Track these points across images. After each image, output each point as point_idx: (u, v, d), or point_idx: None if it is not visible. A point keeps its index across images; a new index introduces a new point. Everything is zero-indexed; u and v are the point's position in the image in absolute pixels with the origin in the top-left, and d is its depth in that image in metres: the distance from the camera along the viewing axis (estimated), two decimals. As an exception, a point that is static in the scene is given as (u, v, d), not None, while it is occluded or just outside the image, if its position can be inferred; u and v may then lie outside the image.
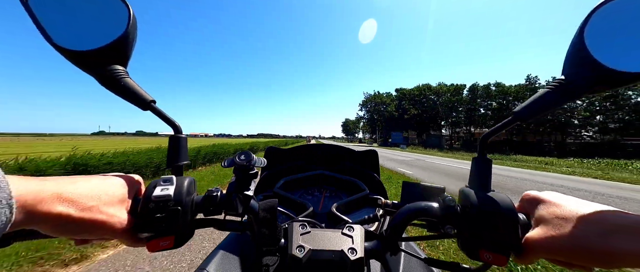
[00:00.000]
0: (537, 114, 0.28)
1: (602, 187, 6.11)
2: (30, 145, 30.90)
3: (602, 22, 0.24)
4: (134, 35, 0.32)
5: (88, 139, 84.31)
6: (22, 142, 44.32)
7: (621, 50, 0.24)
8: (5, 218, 0.17)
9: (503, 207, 0.27)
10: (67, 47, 0.28)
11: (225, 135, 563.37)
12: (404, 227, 0.32)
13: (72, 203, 0.22)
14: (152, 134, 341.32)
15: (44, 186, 0.21)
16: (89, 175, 0.27)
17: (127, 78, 0.31)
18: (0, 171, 0.18)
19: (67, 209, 0.21)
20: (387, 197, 0.64)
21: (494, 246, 0.27)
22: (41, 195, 0.20)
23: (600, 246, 0.20)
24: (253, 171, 0.33)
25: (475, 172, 0.32)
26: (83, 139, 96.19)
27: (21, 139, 72.01)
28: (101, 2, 0.31)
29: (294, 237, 0.31)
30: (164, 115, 0.33)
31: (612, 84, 0.24)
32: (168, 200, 0.28)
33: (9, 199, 0.17)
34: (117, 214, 0.26)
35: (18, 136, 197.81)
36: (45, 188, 0.21)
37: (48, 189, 0.21)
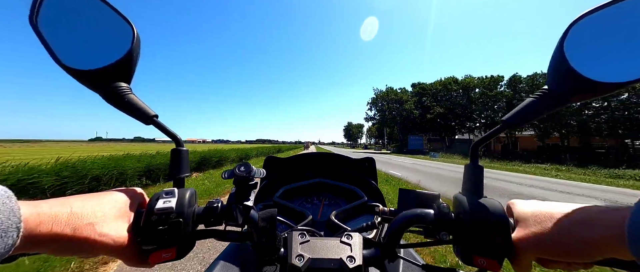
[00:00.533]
0: (524, 122, 0.35)
1: None
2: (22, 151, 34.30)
3: (581, 35, 0.30)
4: (137, 53, 0.38)
5: (80, 146, 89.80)
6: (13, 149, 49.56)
7: (599, 62, 0.29)
8: (12, 241, 0.21)
9: (494, 213, 0.33)
10: (74, 67, 0.34)
11: (223, 141, 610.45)
12: (400, 234, 0.37)
13: (67, 224, 0.25)
14: (149, 140, 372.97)
15: (41, 209, 0.24)
16: (89, 193, 0.32)
17: (130, 94, 0.37)
18: (13, 196, 0.22)
19: (62, 230, 0.25)
20: (385, 204, 0.73)
21: (486, 252, 0.32)
22: (39, 218, 0.24)
23: (581, 236, 0.26)
24: (252, 181, 0.38)
25: (468, 179, 0.38)
26: (75, 145, 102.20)
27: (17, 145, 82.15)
28: (106, 22, 0.37)
29: (294, 246, 0.37)
30: (166, 129, 0.40)
31: (592, 94, 0.30)
32: (170, 212, 0.33)
33: (18, 223, 0.21)
34: (114, 232, 0.29)
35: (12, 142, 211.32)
36: (42, 211, 0.24)
37: (44, 211, 0.24)
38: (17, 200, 0.22)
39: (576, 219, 0.27)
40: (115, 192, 0.34)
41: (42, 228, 0.24)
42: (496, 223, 0.33)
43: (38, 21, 0.33)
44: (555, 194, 6.86)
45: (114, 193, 0.34)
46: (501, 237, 0.32)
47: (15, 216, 0.21)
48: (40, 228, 0.24)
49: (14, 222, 0.21)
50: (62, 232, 0.25)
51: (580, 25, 0.30)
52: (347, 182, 0.89)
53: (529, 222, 0.31)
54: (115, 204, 0.32)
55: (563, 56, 0.30)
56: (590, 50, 0.30)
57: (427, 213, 0.37)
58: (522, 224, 0.32)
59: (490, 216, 0.33)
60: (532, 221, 0.31)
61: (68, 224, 0.26)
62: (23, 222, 0.22)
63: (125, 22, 0.38)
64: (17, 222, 0.21)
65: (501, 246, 0.32)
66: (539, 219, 0.30)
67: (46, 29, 0.33)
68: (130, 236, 0.31)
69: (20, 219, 0.21)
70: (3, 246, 0.20)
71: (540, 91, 0.34)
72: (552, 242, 0.28)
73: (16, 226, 0.21)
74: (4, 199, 0.21)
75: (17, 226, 0.21)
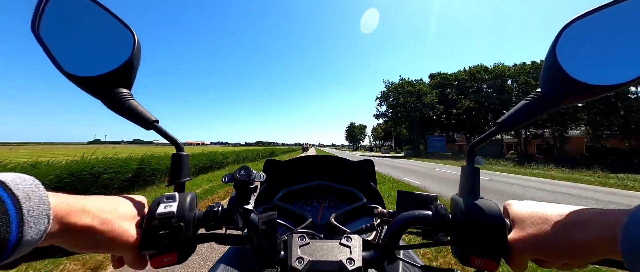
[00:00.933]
0: (518, 124, 0.40)
1: None
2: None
3: (573, 39, 0.34)
4: (138, 59, 0.44)
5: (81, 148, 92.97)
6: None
7: (590, 65, 0.33)
8: (43, 227, 0.25)
9: (490, 213, 0.37)
10: (76, 73, 0.38)
11: (222, 143, 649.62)
12: (399, 236, 0.43)
13: (94, 216, 0.31)
14: (148, 143, 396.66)
15: (71, 200, 0.29)
16: (102, 195, 0.37)
17: (131, 100, 0.42)
18: (41, 186, 0.26)
19: (91, 221, 0.30)
20: (384, 206, 0.80)
21: (483, 252, 0.36)
22: (70, 207, 0.28)
23: (574, 237, 0.29)
24: (252, 185, 0.42)
25: (464, 180, 0.43)
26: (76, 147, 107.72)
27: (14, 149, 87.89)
28: (107, 29, 0.42)
29: (294, 249, 0.41)
30: (166, 134, 0.46)
31: (584, 96, 0.35)
32: (171, 217, 0.37)
33: (48, 211, 0.25)
34: (129, 229, 0.35)
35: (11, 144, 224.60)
36: (72, 202, 0.29)
37: (74, 203, 0.29)
38: (46, 190, 0.26)
39: (571, 221, 0.31)
40: (121, 197, 0.39)
41: (71, 217, 0.28)
42: (492, 224, 0.37)
43: (40, 29, 0.36)
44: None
45: (121, 197, 0.39)
46: (497, 238, 0.36)
47: (44, 203, 0.25)
48: (70, 217, 0.28)
49: (44, 209, 0.25)
50: (91, 224, 0.30)
51: (572, 29, 0.34)
52: (347, 184, 0.96)
53: (526, 224, 0.35)
54: (126, 206, 0.38)
55: (555, 60, 0.34)
56: (582, 53, 0.34)
57: (425, 214, 0.42)
58: (519, 225, 0.36)
59: (487, 217, 0.37)
60: (529, 222, 0.35)
61: (96, 216, 0.31)
62: (52, 211, 0.26)
63: (126, 29, 0.43)
64: (47, 209, 0.25)
65: (498, 246, 0.36)
66: (535, 220, 0.34)
67: (48, 37, 0.37)
68: (135, 239, 0.36)
69: (49, 207, 0.25)
70: (36, 232, 0.24)
71: (534, 94, 0.38)
72: (547, 243, 0.32)
73: (46, 214, 0.25)
74: (32, 187, 0.25)
75: (47, 214, 0.25)
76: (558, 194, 7.89)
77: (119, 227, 0.34)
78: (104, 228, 0.31)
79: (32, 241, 0.24)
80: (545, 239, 0.32)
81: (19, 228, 0.22)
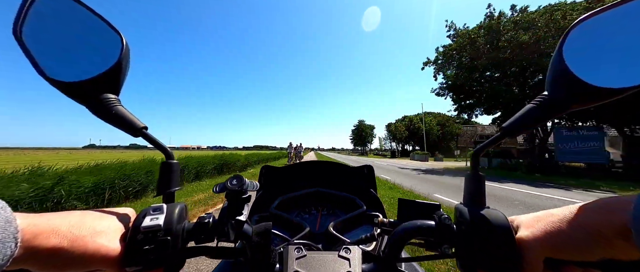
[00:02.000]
0: (524, 129, 0.38)
1: None
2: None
3: (580, 40, 0.33)
4: (126, 63, 0.43)
5: (78, 153, 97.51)
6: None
7: (599, 67, 0.32)
8: (10, 252, 0.23)
9: (497, 224, 0.35)
10: (59, 79, 0.36)
11: (219, 147, 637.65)
12: (401, 247, 0.41)
13: (64, 236, 0.29)
14: (142, 147, 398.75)
15: (40, 220, 0.28)
16: (85, 210, 0.35)
17: (118, 106, 0.41)
18: (8, 207, 0.24)
19: (60, 242, 0.28)
20: (384, 213, 0.78)
21: (491, 265, 0.34)
22: (38, 228, 0.27)
23: (577, 226, 0.29)
24: (245, 195, 0.41)
25: (469, 189, 0.41)
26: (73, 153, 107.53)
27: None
28: (94, 33, 0.41)
29: (289, 262, 0.40)
30: (155, 141, 0.44)
31: (593, 100, 0.33)
32: (157, 230, 0.35)
33: (15, 234, 0.24)
34: (108, 244, 0.33)
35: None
36: (40, 222, 0.27)
37: (42, 223, 0.28)
38: (12, 211, 0.25)
39: (580, 212, 0.30)
40: (106, 211, 0.38)
41: (40, 239, 0.27)
42: (500, 234, 0.34)
43: (22, 33, 0.35)
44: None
45: (105, 211, 0.37)
46: (505, 249, 0.34)
47: (11, 225, 0.23)
48: (39, 239, 0.26)
49: (10, 232, 0.23)
50: (60, 245, 0.28)
51: (580, 29, 0.33)
52: (346, 190, 0.94)
53: (533, 225, 0.34)
54: (108, 220, 0.36)
55: (562, 61, 0.33)
56: (590, 54, 0.32)
57: (428, 225, 0.39)
58: (525, 227, 0.35)
59: (493, 227, 0.35)
60: (536, 223, 0.34)
61: (66, 236, 0.29)
62: (20, 232, 0.24)
63: (114, 32, 0.42)
64: (14, 232, 0.24)
65: (506, 258, 0.34)
66: (542, 219, 0.33)
67: (30, 41, 0.35)
68: (117, 255, 0.34)
69: (17, 229, 0.24)
70: (1, 257, 0.22)
71: (540, 97, 0.37)
72: (557, 235, 0.30)
73: (13, 236, 0.23)
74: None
75: (14, 236, 0.23)
76: None
77: (94, 243, 0.31)
78: (74, 247, 0.29)
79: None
80: (554, 231, 0.31)
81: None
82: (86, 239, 0.31)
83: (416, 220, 0.41)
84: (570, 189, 9.89)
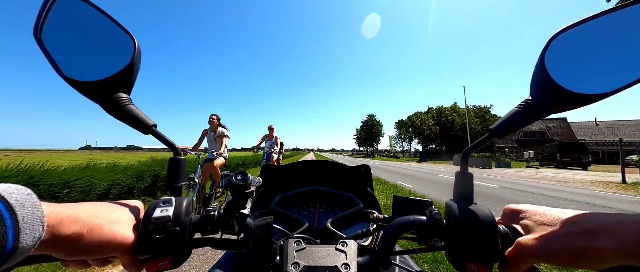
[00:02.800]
0: (510, 131, 0.41)
1: None
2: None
3: (560, 49, 0.36)
4: (138, 64, 0.45)
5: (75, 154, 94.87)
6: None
7: (578, 74, 0.35)
8: (38, 234, 0.25)
9: (483, 219, 0.38)
10: (77, 78, 0.39)
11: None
12: (394, 241, 0.43)
13: (83, 224, 0.31)
14: (138, 149, 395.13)
15: (61, 209, 0.30)
16: (95, 202, 0.37)
17: (130, 105, 0.44)
18: (34, 194, 0.27)
19: (80, 229, 0.31)
20: (380, 211, 0.81)
21: (476, 257, 0.37)
22: (60, 215, 0.29)
23: (582, 245, 0.28)
24: (249, 190, 0.43)
25: (458, 185, 0.44)
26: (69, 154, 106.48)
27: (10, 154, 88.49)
28: (109, 36, 0.44)
29: (289, 254, 0.42)
30: (164, 138, 0.47)
31: (572, 105, 0.36)
32: (167, 221, 0.38)
33: (42, 217, 0.26)
34: (123, 233, 0.35)
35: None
36: (62, 211, 0.30)
37: (64, 211, 0.30)
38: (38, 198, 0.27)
39: (579, 227, 0.30)
40: (121, 202, 0.41)
41: (63, 226, 0.29)
42: (485, 228, 0.37)
43: (42, 35, 0.38)
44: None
45: (120, 203, 0.40)
46: (490, 243, 0.37)
47: (38, 210, 0.26)
48: (61, 226, 0.29)
49: (38, 216, 0.25)
50: (80, 232, 0.31)
51: (560, 39, 0.36)
52: (344, 189, 0.97)
53: (527, 229, 0.35)
54: (121, 211, 0.38)
55: (544, 69, 0.36)
56: (570, 63, 0.35)
57: (419, 219, 0.43)
58: (526, 231, 0.36)
59: (479, 222, 0.38)
60: (532, 227, 0.35)
61: (85, 224, 0.31)
62: (46, 218, 0.27)
63: (127, 34, 0.44)
64: (41, 216, 0.26)
65: (490, 251, 0.36)
66: (537, 224, 0.34)
67: (50, 43, 0.38)
68: (131, 243, 0.36)
69: (43, 214, 0.26)
70: (31, 239, 0.24)
71: (524, 102, 0.40)
72: (551, 249, 0.31)
73: (40, 220, 0.25)
74: (25, 195, 0.26)
75: (41, 220, 0.26)
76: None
77: (110, 232, 0.34)
78: (93, 234, 0.32)
79: (27, 248, 0.24)
80: (549, 244, 0.31)
81: (15, 235, 0.23)
82: (103, 227, 0.33)
83: (409, 215, 0.44)
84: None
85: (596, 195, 7.90)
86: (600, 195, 7.80)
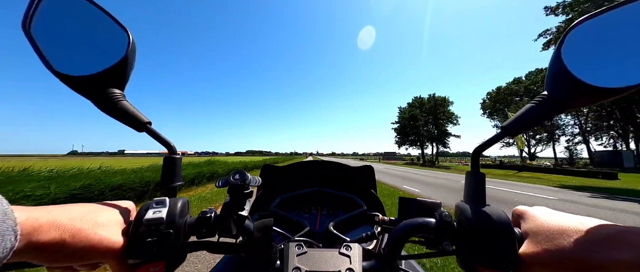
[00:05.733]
0: (523, 129, 0.39)
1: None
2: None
3: (579, 41, 0.34)
4: (132, 59, 0.43)
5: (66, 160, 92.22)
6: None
7: (597, 67, 0.33)
8: (10, 244, 0.23)
9: (498, 221, 0.36)
10: (67, 73, 0.38)
11: (209, 153, 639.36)
12: (401, 245, 0.41)
13: (65, 229, 0.29)
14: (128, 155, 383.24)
15: (39, 213, 0.28)
16: (85, 203, 0.35)
17: (123, 101, 0.42)
18: (5, 200, 0.25)
19: (61, 235, 0.28)
20: (384, 213, 0.79)
21: (491, 263, 0.34)
22: (38, 222, 0.27)
23: (600, 257, 0.26)
24: (248, 190, 0.41)
25: (470, 186, 0.42)
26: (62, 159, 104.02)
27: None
28: (101, 28, 0.42)
29: (290, 258, 0.40)
30: (159, 136, 0.45)
31: (592, 99, 0.34)
32: (160, 223, 0.36)
33: (14, 226, 0.24)
34: (110, 237, 0.33)
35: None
36: (39, 216, 0.28)
37: (42, 216, 0.28)
38: (10, 204, 0.25)
39: (596, 238, 0.28)
40: (110, 203, 0.38)
41: (41, 233, 0.27)
42: (500, 232, 0.35)
43: (31, 28, 0.36)
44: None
45: (108, 203, 0.38)
46: (506, 247, 0.34)
47: (9, 218, 0.24)
48: (38, 233, 0.27)
49: (9, 225, 0.23)
50: (61, 238, 0.28)
51: (578, 30, 0.35)
52: (346, 190, 0.95)
53: (540, 236, 0.33)
54: (110, 213, 0.36)
55: (561, 62, 0.35)
56: (589, 55, 0.34)
57: (428, 222, 0.40)
58: (532, 237, 0.34)
59: (494, 225, 0.36)
60: (544, 235, 0.32)
61: (67, 229, 0.29)
62: (19, 226, 0.24)
63: (121, 28, 0.43)
64: (13, 225, 0.24)
65: (506, 256, 0.34)
66: (551, 232, 0.32)
67: (39, 36, 0.36)
68: (120, 247, 0.34)
69: (15, 222, 0.24)
70: (2, 250, 0.22)
71: (540, 97, 0.38)
72: (565, 260, 0.29)
73: (12, 229, 0.24)
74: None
75: (13, 229, 0.24)
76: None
77: (96, 236, 0.32)
78: (76, 239, 0.30)
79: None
80: (562, 255, 0.29)
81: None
82: (88, 231, 0.31)
83: (417, 218, 0.42)
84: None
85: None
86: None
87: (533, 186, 12.07)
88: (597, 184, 13.89)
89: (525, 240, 0.35)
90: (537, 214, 0.36)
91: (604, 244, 0.27)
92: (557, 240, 0.31)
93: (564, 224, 0.32)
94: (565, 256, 0.29)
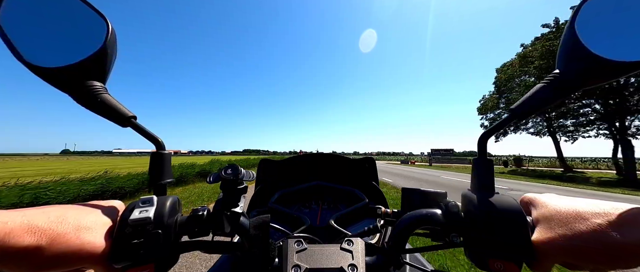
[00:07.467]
0: (534, 111, 0.36)
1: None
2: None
3: (594, 12, 0.32)
4: (113, 50, 0.41)
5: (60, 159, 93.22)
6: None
7: (615, 40, 0.30)
8: None
9: (509, 210, 0.34)
10: (39, 64, 0.35)
11: (204, 152, 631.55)
12: (406, 238, 0.39)
13: (42, 233, 0.27)
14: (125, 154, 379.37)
15: (12, 217, 0.25)
16: (68, 204, 0.33)
17: (105, 94, 0.39)
18: None
19: (37, 240, 0.26)
20: (387, 206, 0.77)
21: (503, 254, 0.33)
22: (10, 227, 0.24)
23: (625, 240, 0.25)
24: (241, 185, 0.39)
25: (477, 174, 0.39)
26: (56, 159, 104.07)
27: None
28: (77, 17, 0.39)
29: (289, 255, 0.38)
30: (144, 130, 0.42)
31: (609, 75, 0.31)
32: (147, 223, 0.33)
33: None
34: (93, 240, 0.31)
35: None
36: (11, 219, 0.25)
37: (14, 220, 0.25)
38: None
39: (614, 220, 0.27)
40: (92, 204, 0.36)
41: (12, 238, 0.24)
42: (512, 221, 0.33)
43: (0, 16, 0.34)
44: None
45: (91, 204, 0.36)
46: (519, 238, 0.32)
47: None
48: (10, 238, 0.24)
49: None
50: (38, 243, 0.26)
51: (592, 2, 0.32)
52: (347, 184, 0.93)
53: (553, 222, 0.31)
54: (94, 214, 0.34)
55: (575, 35, 0.32)
56: (605, 28, 0.31)
57: (434, 213, 0.38)
58: (544, 224, 0.32)
59: (505, 214, 0.34)
60: (557, 220, 0.31)
61: (45, 233, 0.27)
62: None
63: (99, 16, 0.40)
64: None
65: (519, 246, 0.32)
66: (565, 217, 0.30)
67: (8, 25, 0.34)
68: (103, 250, 0.32)
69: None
70: None
71: (551, 76, 0.35)
72: (582, 245, 0.28)
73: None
74: None
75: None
76: None
77: (78, 240, 0.29)
78: (55, 244, 0.27)
79: None
80: (579, 240, 0.28)
81: None
82: (68, 235, 0.29)
83: (422, 209, 0.40)
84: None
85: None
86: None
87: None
88: None
89: (536, 227, 0.33)
90: (547, 201, 0.34)
91: (629, 226, 0.26)
92: (573, 225, 0.29)
93: (579, 208, 0.30)
94: (585, 240, 0.27)
